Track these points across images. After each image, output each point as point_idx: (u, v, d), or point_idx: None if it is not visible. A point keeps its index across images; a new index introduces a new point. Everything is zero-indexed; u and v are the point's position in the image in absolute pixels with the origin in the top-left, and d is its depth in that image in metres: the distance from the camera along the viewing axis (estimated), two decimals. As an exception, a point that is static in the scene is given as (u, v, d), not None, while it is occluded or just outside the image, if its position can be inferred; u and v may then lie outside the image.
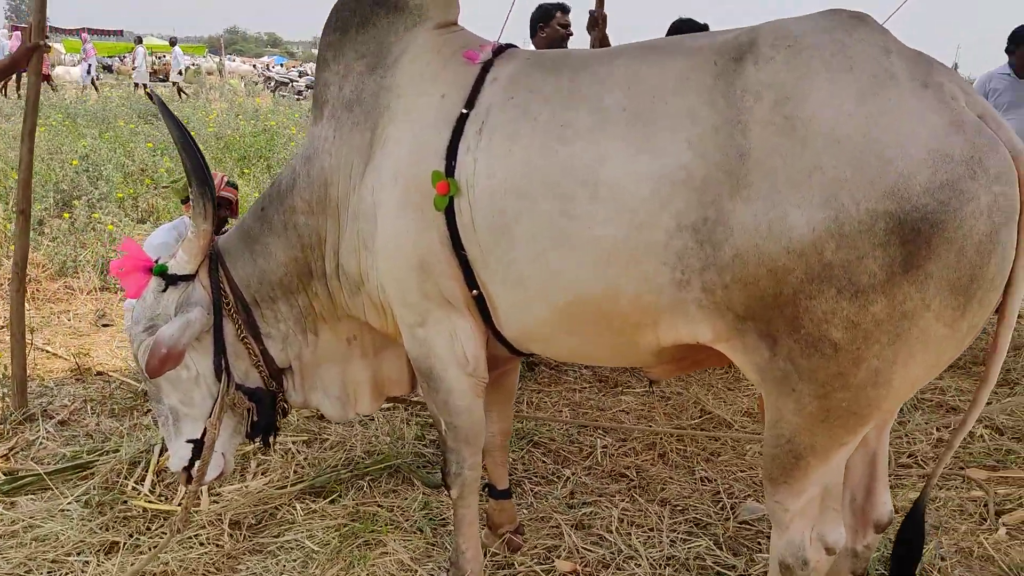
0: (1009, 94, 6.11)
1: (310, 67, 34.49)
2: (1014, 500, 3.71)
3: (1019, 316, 2.34)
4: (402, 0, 2.59)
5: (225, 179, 4.33)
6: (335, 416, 3.01)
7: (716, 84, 2.00)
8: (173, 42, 27.83)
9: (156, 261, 2.73)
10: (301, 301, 2.78)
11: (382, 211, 2.44)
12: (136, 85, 22.84)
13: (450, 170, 2.30)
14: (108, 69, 32.08)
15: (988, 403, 4.74)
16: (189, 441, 2.77)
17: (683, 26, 5.10)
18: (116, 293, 6.17)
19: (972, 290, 1.83)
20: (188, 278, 2.71)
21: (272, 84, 27.69)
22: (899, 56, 1.92)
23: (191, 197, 2.66)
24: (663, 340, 2.20)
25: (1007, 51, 6.36)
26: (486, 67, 2.43)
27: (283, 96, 24.49)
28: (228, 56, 42.79)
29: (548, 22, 5.13)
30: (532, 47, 5.16)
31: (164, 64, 30.69)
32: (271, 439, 2.94)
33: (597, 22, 4.96)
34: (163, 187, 6.50)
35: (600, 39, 4.97)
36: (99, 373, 4.74)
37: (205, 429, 2.75)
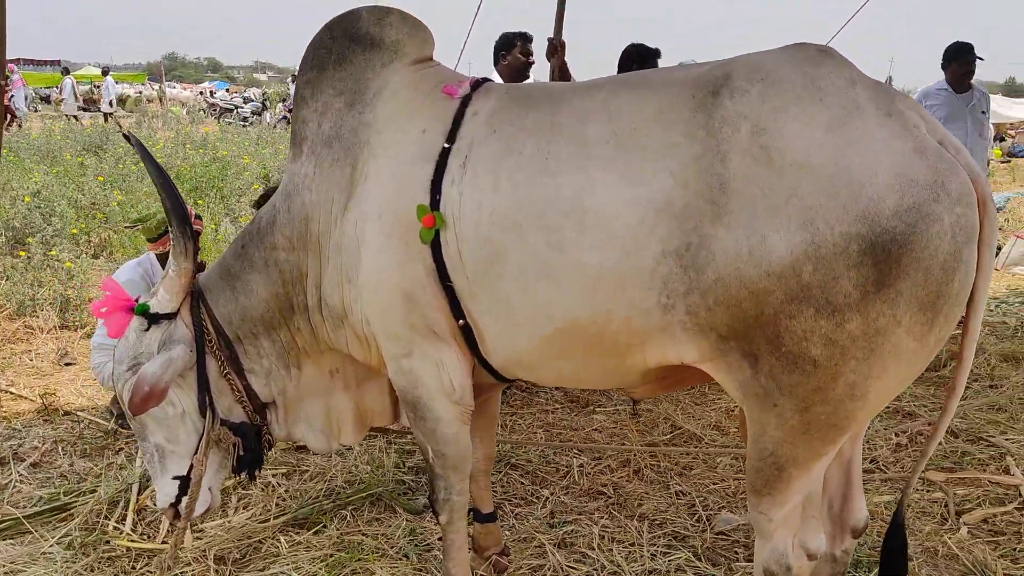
0: (945, 109, 6.38)
1: (253, 92, 34.22)
2: (972, 500, 3.88)
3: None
4: (378, 37, 2.63)
5: (193, 213, 4.35)
6: (319, 448, 3.03)
7: (695, 116, 2.09)
8: (105, 71, 27.36)
9: (137, 299, 2.74)
10: (283, 336, 2.80)
11: (366, 245, 2.47)
12: (66, 117, 22.43)
13: (435, 204, 2.35)
14: (46, 100, 31.49)
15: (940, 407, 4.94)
16: (175, 478, 2.77)
17: (635, 51, 5.28)
18: (77, 331, 6.10)
19: (939, 306, 1.95)
20: (170, 316, 2.72)
21: (217, 111, 27.41)
22: (864, 87, 2.03)
23: (171, 237, 2.67)
24: (650, 362, 2.27)
25: (942, 67, 6.66)
26: (465, 101, 2.48)
27: (229, 123, 24.26)
28: (168, 83, 42.27)
29: (510, 50, 5.24)
30: (495, 74, 5.26)
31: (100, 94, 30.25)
32: (256, 472, 2.96)
33: (556, 50, 5.07)
34: (127, 227, 6.44)
35: (560, 66, 5.08)
36: (66, 413, 4.68)
37: (191, 465, 2.75)
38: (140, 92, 34.43)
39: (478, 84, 2.58)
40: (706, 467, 4.20)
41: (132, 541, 3.31)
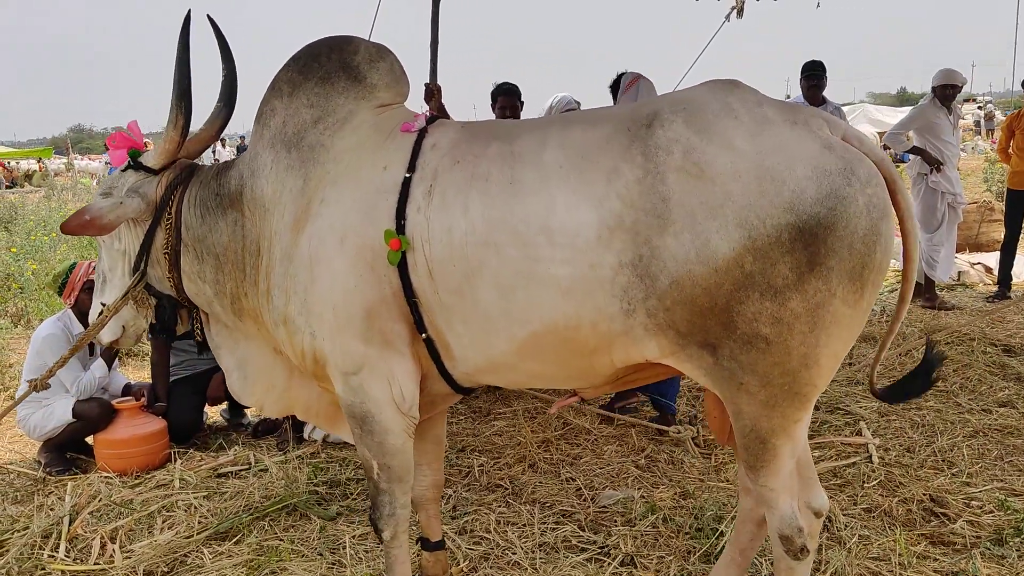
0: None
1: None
2: (826, 459, 4.44)
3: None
4: (364, 75, 2.85)
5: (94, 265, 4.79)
6: (232, 388, 3.19)
7: (632, 145, 2.37)
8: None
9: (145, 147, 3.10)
10: (229, 288, 2.94)
11: (323, 266, 2.64)
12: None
13: (400, 228, 2.55)
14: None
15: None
16: (102, 304, 3.11)
17: (500, 89, 5.93)
18: (0, 394, 6.31)
19: (865, 275, 2.26)
20: (150, 171, 3.01)
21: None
22: (769, 105, 2.37)
23: (170, 107, 2.93)
24: (617, 361, 2.52)
25: (799, 82, 7.42)
26: (421, 134, 2.70)
27: (140, 190, 24.02)
28: (76, 156, 41.66)
29: None
30: None
31: (7, 171, 29.96)
32: (172, 333, 3.22)
33: (433, 94, 5.53)
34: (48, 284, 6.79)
35: (437, 108, 5.54)
36: (-5, 467, 4.93)
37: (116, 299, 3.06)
38: (44, 167, 33.96)
39: (432, 120, 2.80)
40: (593, 455, 4.66)
41: (67, 565, 3.61)
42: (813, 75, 7.23)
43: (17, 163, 35.69)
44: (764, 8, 7.76)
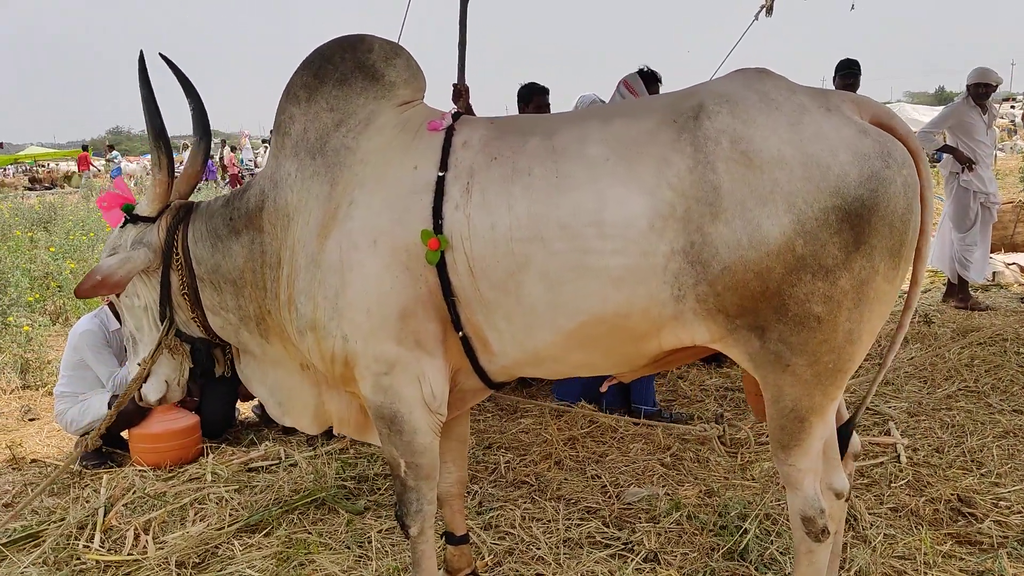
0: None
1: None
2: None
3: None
4: (381, 73, 2.83)
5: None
6: (271, 414, 3.23)
7: (681, 136, 2.42)
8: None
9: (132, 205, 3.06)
10: (252, 309, 2.96)
11: (354, 270, 2.63)
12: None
13: (438, 228, 2.56)
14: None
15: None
16: (139, 364, 3.10)
17: (529, 88, 6.00)
18: (38, 390, 6.46)
19: (902, 252, 2.39)
20: (148, 220, 3.01)
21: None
22: (802, 93, 2.47)
23: (150, 151, 2.96)
24: (664, 346, 2.58)
25: (833, 79, 7.40)
26: (449, 132, 2.69)
27: (177, 190, 24.36)
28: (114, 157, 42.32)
29: None
30: None
31: (47, 172, 30.57)
32: (212, 371, 3.22)
33: (461, 94, 5.58)
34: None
35: (465, 108, 5.59)
36: (34, 461, 5.05)
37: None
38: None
39: (456, 116, 2.79)
40: (619, 453, 4.69)
41: (101, 555, 3.70)
42: (849, 73, 7.23)
43: (56, 164, 36.38)
44: (787, 6, 7.75)
